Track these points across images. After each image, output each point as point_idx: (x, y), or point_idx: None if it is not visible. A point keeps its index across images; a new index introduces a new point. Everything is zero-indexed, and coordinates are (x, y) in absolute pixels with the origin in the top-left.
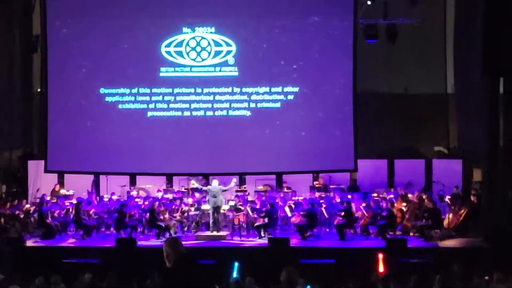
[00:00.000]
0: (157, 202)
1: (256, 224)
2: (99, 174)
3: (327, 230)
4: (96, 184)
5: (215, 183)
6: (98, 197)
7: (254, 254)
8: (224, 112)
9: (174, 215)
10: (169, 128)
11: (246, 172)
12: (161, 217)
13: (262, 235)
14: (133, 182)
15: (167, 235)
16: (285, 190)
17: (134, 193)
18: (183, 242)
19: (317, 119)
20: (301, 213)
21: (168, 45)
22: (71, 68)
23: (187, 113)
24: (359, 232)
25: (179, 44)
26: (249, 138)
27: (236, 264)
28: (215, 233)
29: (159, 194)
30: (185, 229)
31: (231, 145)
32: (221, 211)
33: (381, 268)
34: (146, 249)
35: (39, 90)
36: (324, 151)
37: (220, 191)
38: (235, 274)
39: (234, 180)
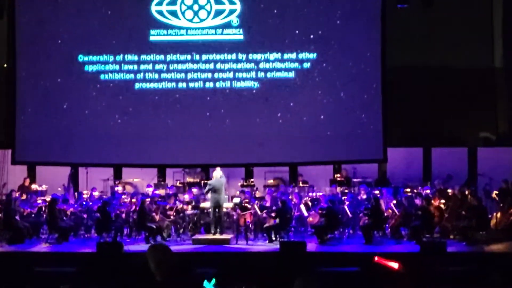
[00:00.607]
0: (147, 199)
1: (266, 225)
2: (77, 165)
3: (351, 232)
4: (73, 178)
5: (217, 173)
6: (76, 194)
7: (263, 261)
8: (227, 84)
9: (168, 214)
10: (161, 104)
11: (254, 162)
12: (152, 217)
13: (273, 238)
14: (118, 176)
15: (159, 239)
16: (301, 184)
17: (119, 188)
18: (177, 247)
19: (338, 99)
20: (320, 212)
21: (160, 3)
22: (44, 38)
23: (182, 85)
24: (389, 235)
25: (173, 2)
26: (257, 118)
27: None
28: (216, 236)
29: (149, 190)
30: (181, 231)
31: (236, 128)
32: (224, 209)
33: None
34: (134, 256)
35: (5, 65)
36: (347, 138)
37: (223, 186)
38: None
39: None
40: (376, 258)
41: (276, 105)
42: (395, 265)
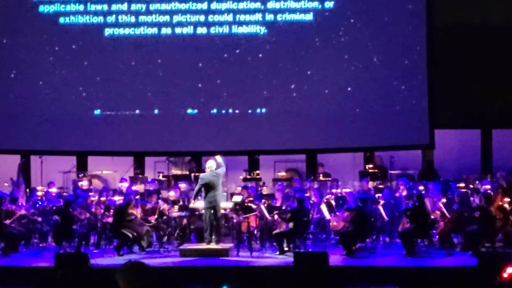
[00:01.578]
0: (132, 200)
1: (276, 231)
2: (28, 153)
3: (387, 240)
4: (24, 169)
5: (211, 164)
6: (28, 190)
7: (273, 278)
8: (225, 29)
9: (149, 218)
10: (139, 58)
11: (260, 149)
12: (128, 221)
13: (285, 248)
14: (82, 167)
15: (136, 249)
16: (321, 178)
17: (84, 183)
18: (160, 261)
19: (370, 65)
20: (346, 214)
21: None
22: None
23: (166, 31)
24: (436, 244)
25: None
26: (264, 91)
27: None
28: (211, 245)
29: (124, 185)
30: (165, 239)
31: (235, 99)
32: (221, 211)
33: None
34: (104, 271)
35: None
36: (382, 117)
37: (219, 180)
38: None
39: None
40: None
41: (288, 73)
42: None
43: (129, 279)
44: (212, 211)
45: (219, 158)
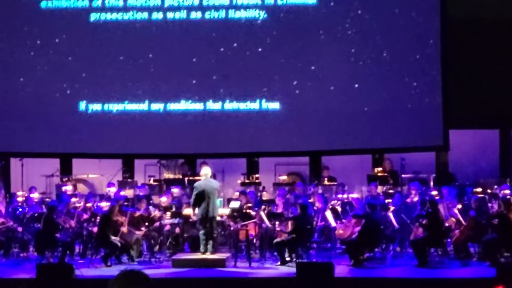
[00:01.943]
0: (116, 206)
1: (277, 240)
2: (7, 156)
3: (398, 249)
4: (3, 173)
5: (206, 172)
6: (7, 196)
7: None
8: (221, 13)
9: (137, 225)
10: (127, 46)
11: (259, 151)
12: (118, 230)
13: (287, 258)
14: (66, 170)
15: (124, 259)
16: (326, 182)
17: (68, 188)
18: (151, 272)
19: (380, 60)
20: (353, 221)
21: None
22: None
23: (157, 16)
24: (451, 253)
25: None
26: (263, 88)
27: None
28: (207, 255)
29: (112, 190)
30: (156, 249)
31: (233, 95)
32: (218, 218)
33: None
34: (90, 283)
35: None
36: (392, 116)
37: (216, 189)
38: None
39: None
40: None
41: (290, 69)
42: None
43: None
44: (207, 221)
45: (207, 169)
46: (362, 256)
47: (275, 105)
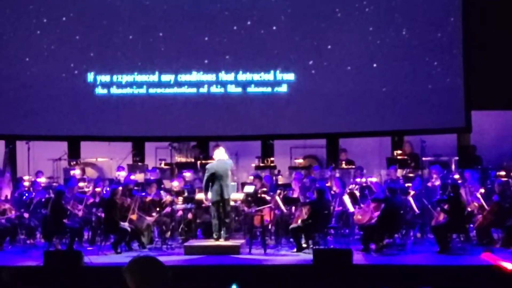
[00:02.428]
0: (119, 188)
1: (293, 225)
2: (13, 139)
3: (418, 235)
4: (11, 158)
5: (220, 154)
6: (14, 181)
7: (289, 278)
8: None
9: (148, 211)
10: (136, 27)
11: (274, 133)
12: (125, 215)
13: (304, 244)
14: (74, 154)
15: (135, 245)
16: (344, 166)
17: (76, 172)
18: (162, 259)
19: (399, 39)
20: (372, 206)
21: None
22: None
23: None
24: (474, 239)
25: None
26: (277, 68)
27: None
28: (220, 242)
29: (121, 175)
30: (167, 235)
31: (246, 75)
32: (231, 203)
33: None
34: (99, 270)
35: None
36: (412, 96)
37: (228, 171)
38: None
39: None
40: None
41: (306, 48)
42: (508, 265)
43: (140, 276)
44: (221, 204)
45: (221, 152)
46: (382, 242)
47: (290, 86)
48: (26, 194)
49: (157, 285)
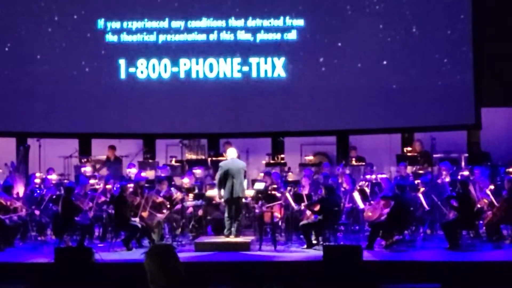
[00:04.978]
0: (129, 185)
1: (303, 222)
2: (25, 136)
3: (428, 232)
4: (24, 155)
5: (232, 153)
6: (25, 178)
7: (300, 274)
8: None
9: (159, 207)
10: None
11: (285, 130)
12: (136, 212)
13: (314, 241)
14: (85, 151)
15: (146, 242)
16: (354, 162)
17: (87, 169)
18: None
19: (409, 36)
20: (382, 203)
21: None
22: None
23: None
24: (484, 235)
25: None
26: (289, 64)
27: None
28: (230, 238)
29: (132, 172)
30: (178, 231)
31: (256, 71)
32: (243, 200)
33: None
34: (110, 267)
35: None
36: (422, 93)
37: (241, 169)
38: None
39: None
40: None
41: (317, 45)
42: None
43: (160, 259)
44: (233, 202)
45: (232, 151)
46: (391, 238)
47: (301, 83)
48: (37, 191)
49: (173, 267)
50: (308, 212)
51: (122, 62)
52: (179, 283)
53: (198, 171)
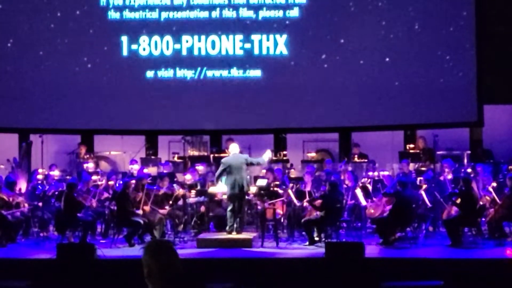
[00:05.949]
0: (132, 182)
1: (305, 219)
2: (27, 132)
3: (430, 229)
4: (26, 151)
5: (234, 149)
6: (28, 174)
7: (302, 271)
8: None
9: (161, 203)
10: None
11: (287, 127)
12: (139, 208)
13: (316, 238)
14: (87, 147)
15: (148, 238)
16: (356, 159)
17: (90, 165)
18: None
19: (411, 33)
20: (384, 200)
21: None
22: None
23: None
24: (486, 232)
25: None
26: (291, 61)
27: None
28: (233, 235)
29: (134, 168)
30: (180, 228)
31: (259, 68)
32: (245, 197)
33: None
34: (112, 263)
35: None
36: (425, 92)
37: (243, 164)
38: None
39: (268, 153)
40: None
41: (319, 42)
42: None
43: (157, 254)
44: (235, 198)
45: (235, 146)
46: (394, 235)
47: (303, 80)
48: (40, 187)
49: (170, 262)
50: (309, 206)
51: (124, 39)
52: (177, 278)
53: (200, 168)
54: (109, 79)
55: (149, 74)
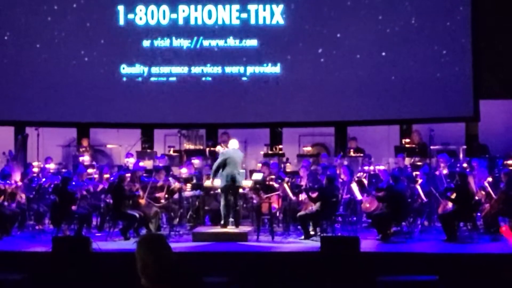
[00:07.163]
0: (127, 175)
1: (301, 213)
2: (23, 125)
3: (426, 223)
4: (22, 144)
5: (234, 144)
6: (23, 167)
7: (297, 265)
8: None
9: (157, 196)
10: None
11: (283, 121)
12: (134, 201)
13: (311, 232)
14: (83, 140)
15: (143, 232)
16: (352, 154)
17: (85, 158)
18: (171, 245)
19: (407, 27)
20: (380, 194)
21: None
22: None
23: None
24: (481, 227)
25: None
26: (287, 55)
27: None
28: (228, 229)
29: (130, 161)
30: (175, 221)
31: (255, 61)
32: (240, 190)
33: None
34: (107, 257)
35: None
36: (421, 86)
37: (241, 160)
38: None
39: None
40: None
41: (316, 36)
42: None
43: (150, 247)
44: (230, 191)
45: (234, 142)
46: (389, 230)
47: (299, 74)
48: (35, 180)
49: (163, 255)
50: (305, 199)
51: (121, 8)
52: (171, 272)
53: (196, 161)
54: (106, 71)
55: (146, 43)
